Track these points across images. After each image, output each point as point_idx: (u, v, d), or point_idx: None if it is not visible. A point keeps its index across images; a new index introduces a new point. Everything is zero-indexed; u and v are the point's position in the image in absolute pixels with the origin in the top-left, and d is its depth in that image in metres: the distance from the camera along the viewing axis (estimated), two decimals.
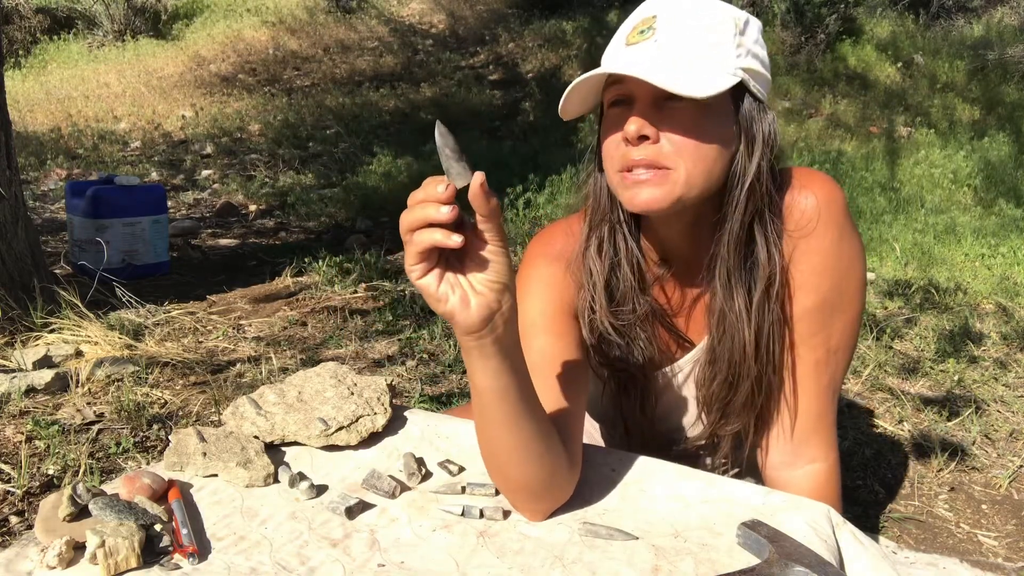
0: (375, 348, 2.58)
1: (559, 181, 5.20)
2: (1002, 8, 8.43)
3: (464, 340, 0.74)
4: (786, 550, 0.73)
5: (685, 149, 0.84)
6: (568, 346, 0.97)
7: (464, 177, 0.66)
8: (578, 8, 9.29)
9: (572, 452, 0.87)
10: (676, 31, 0.85)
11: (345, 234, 4.48)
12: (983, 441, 2.00)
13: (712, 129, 0.86)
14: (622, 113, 0.87)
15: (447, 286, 0.70)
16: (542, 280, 1.00)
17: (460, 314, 0.71)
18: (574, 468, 0.86)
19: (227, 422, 0.98)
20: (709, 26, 0.85)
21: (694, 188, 0.86)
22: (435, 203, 0.66)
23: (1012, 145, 6.03)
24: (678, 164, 0.84)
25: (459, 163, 0.66)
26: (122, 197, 3.54)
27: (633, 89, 0.85)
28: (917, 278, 3.53)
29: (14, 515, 1.52)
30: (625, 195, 0.88)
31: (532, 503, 0.83)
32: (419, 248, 0.68)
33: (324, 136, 6.98)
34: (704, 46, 0.84)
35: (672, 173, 0.85)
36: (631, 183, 0.86)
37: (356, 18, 9.97)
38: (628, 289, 0.98)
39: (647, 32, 0.86)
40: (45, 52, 9.72)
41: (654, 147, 0.84)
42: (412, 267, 0.70)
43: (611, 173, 0.90)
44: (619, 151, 0.87)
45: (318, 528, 0.80)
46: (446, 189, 0.66)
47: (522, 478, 0.81)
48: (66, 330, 2.45)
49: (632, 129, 0.83)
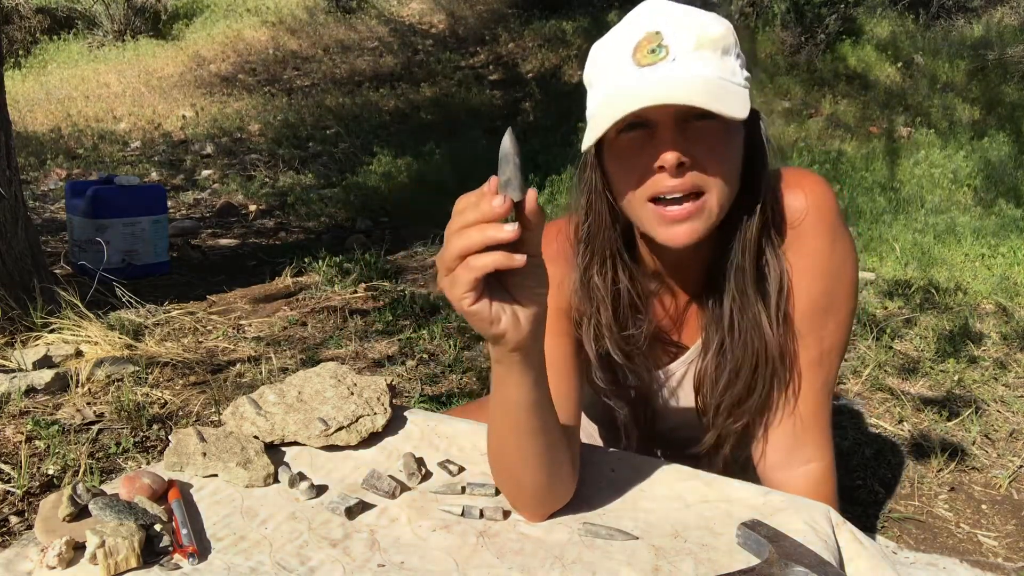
0: (375, 348, 2.58)
1: (559, 181, 5.20)
2: (1002, 8, 8.43)
3: (508, 356, 0.70)
4: (786, 550, 0.73)
5: (716, 172, 0.83)
6: (565, 345, 0.97)
7: (521, 191, 0.61)
8: (578, 8, 9.29)
9: (573, 454, 0.87)
10: (690, 47, 0.82)
11: (345, 234, 4.48)
12: (983, 441, 2.00)
13: (733, 146, 0.85)
14: (641, 138, 0.84)
15: (498, 306, 0.65)
16: None
17: (512, 332, 0.66)
18: (575, 470, 0.86)
19: (227, 422, 0.98)
20: (717, 38, 0.83)
21: (724, 208, 0.86)
22: (495, 222, 0.60)
23: (1012, 145, 6.03)
24: (711, 187, 0.83)
25: (522, 175, 0.61)
26: (122, 197, 3.54)
27: (654, 114, 0.82)
28: (917, 278, 3.53)
29: (14, 515, 1.52)
30: (662, 232, 0.85)
31: (537, 507, 0.82)
32: (478, 274, 0.61)
33: (324, 136, 6.98)
34: (719, 61, 0.83)
35: (707, 199, 0.83)
36: (669, 220, 0.84)
37: (356, 18, 9.97)
38: (630, 313, 0.98)
39: (659, 51, 0.83)
40: (45, 52, 9.72)
41: (690, 174, 0.82)
42: (465, 295, 0.63)
43: (637, 205, 0.86)
44: (649, 181, 0.84)
45: (318, 528, 0.79)
46: (504, 203, 0.60)
47: (533, 485, 0.80)
48: (66, 330, 2.45)
49: (671, 158, 0.80)
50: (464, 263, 0.62)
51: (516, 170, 0.60)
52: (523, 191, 0.61)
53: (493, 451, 0.82)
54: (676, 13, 0.85)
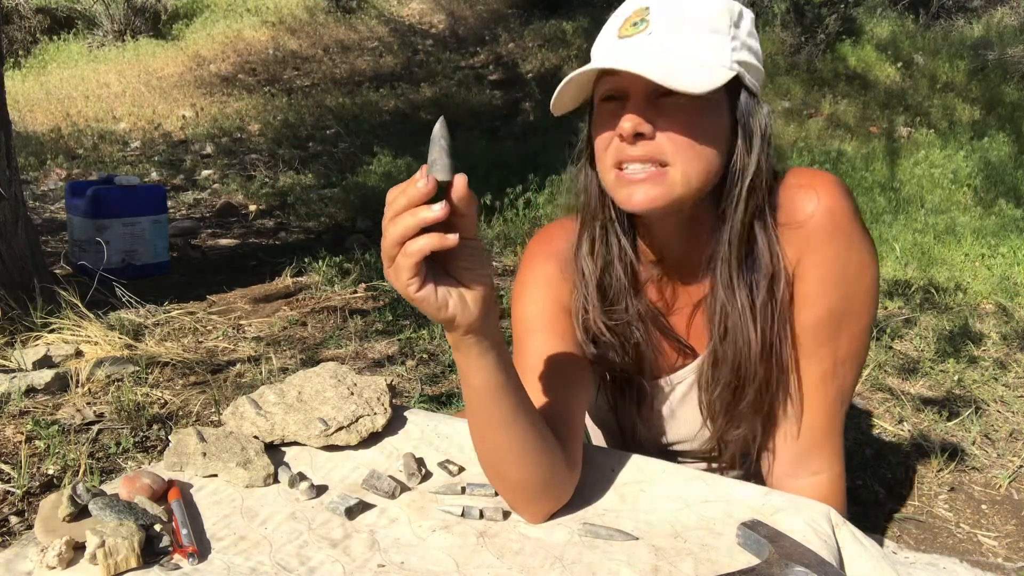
0: (375, 348, 2.58)
1: (559, 181, 5.20)
2: (1002, 8, 8.43)
3: (462, 340, 0.72)
4: (786, 550, 0.73)
5: (682, 146, 0.82)
6: (565, 346, 0.96)
7: (446, 172, 0.63)
8: (578, 8, 9.29)
9: (571, 453, 0.86)
10: (670, 23, 0.83)
11: (345, 234, 4.48)
12: (983, 441, 2.00)
13: (709, 125, 0.84)
14: (615, 109, 0.84)
15: (444, 291, 0.67)
16: (540, 279, 0.99)
17: (462, 315, 0.68)
18: (573, 470, 0.85)
19: (227, 422, 0.98)
20: (704, 18, 0.83)
21: (692, 186, 0.84)
22: (423, 205, 0.62)
23: (1012, 145, 6.03)
24: (675, 161, 0.82)
25: (450, 158, 0.63)
26: (122, 197, 3.54)
27: (627, 84, 0.83)
28: (917, 278, 3.53)
29: (14, 515, 1.52)
30: (620, 194, 0.85)
31: (530, 504, 0.82)
32: (416, 259, 0.63)
33: (324, 136, 6.98)
34: (699, 39, 0.82)
35: (669, 171, 0.83)
36: (627, 182, 0.84)
37: (356, 18, 9.97)
38: (621, 289, 0.96)
39: (640, 24, 0.84)
40: (45, 52, 9.72)
41: (650, 144, 0.82)
42: (409, 281, 0.65)
43: (604, 170, 0.87)
44: (613, 148, 0.84)
45: (318, 528, 0.79)
46: (427, 183, 0.62)
47: (519, 478, 0.80)
48: (66, 330, 2.45)
49: (627, 127, 0.81)
50: (402, 250, 0.64)
51: (442, 152, 0.63)
52: (450, 173, 0.63)
53: (475, 445, 0.83)
54: None
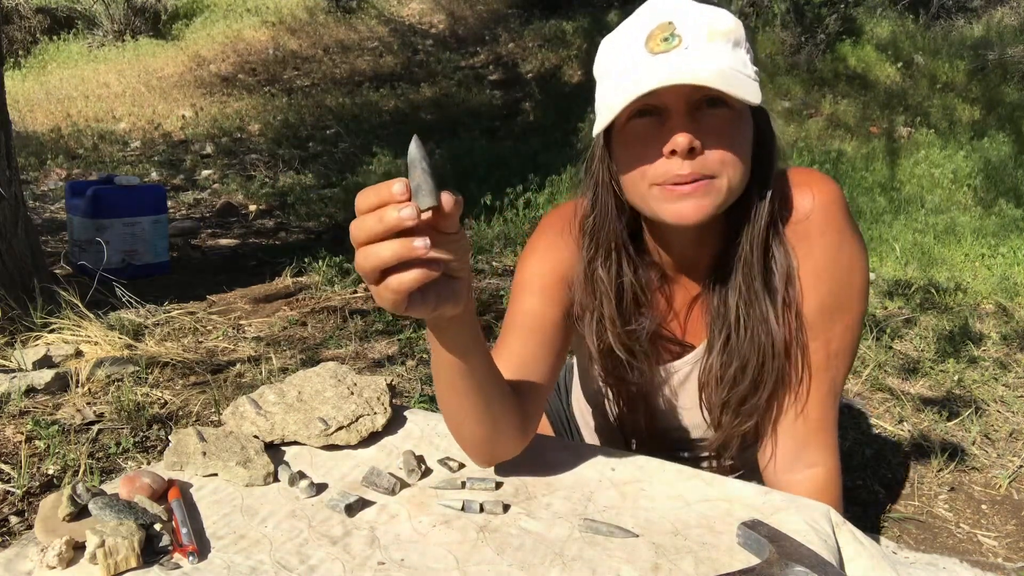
0: (375, 348, 2.58)
1: (559, 181, 5.20)
2: (1002, 8, 8.43)
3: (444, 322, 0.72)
4: (786, 550, 0.73)
5: (728, 156, 0.83)
6: (555, 312, 0.98)
7: (432, 197, 0.57)
8: (578, 8, 9.29)
9: (529, 412, 0.90)
10: (701, 37, 0.84)
11: (345, 234, 4.45)
12: (983, 441, 2.00)
13: (743, 134, 0.86)
14: (653, 124, 0.85)
15: (431, 293, 0.65)
16: (546, 246, 1.02)
17: (448, 308, 0.68)
18: (527, 426, 0.90)
19: (227, 422, 0.98)
20: (726, 31, 0.84)
21: (734, 194, 0.86)
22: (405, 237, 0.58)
23: (1012, 145, 6.03)
24: (722, 172, 0.84)
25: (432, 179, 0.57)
26: (122, 197, 3.55)
27: (666, 99, 0.83)
28: (917, 278, 3.53)
29: (14, 515, 1.52)
30: (668, 208, 0.85)
31: (478, 455, 0.89)
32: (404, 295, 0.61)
33: (324, 136, 6.98)
34: (728, 51, 0.84)
35: (716, 181, 0.84)
36: (676, 195, 0.84)
37: (356, 18, 9.97)
38: (633, 308, 0.98)
39: (672, 39, 0.84)
40: (45, 52, 9.73)
41: (701, 157, 0.83)
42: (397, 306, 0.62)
43: (643, 186, 0.87)
44: (660, 164, 0.84)
45: (318, 526, 0.80)
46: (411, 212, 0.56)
47: (473, 436, 0.86)
48: (66, 330, 2.45)
49: (683, 142, 0.81)
50: (385, 285, 0.60)
51: (424, 174, 0.57)
52: (435, 197, 0.57)
53: (439, 402, 0.86)
54: (686, 6, 0.86)
